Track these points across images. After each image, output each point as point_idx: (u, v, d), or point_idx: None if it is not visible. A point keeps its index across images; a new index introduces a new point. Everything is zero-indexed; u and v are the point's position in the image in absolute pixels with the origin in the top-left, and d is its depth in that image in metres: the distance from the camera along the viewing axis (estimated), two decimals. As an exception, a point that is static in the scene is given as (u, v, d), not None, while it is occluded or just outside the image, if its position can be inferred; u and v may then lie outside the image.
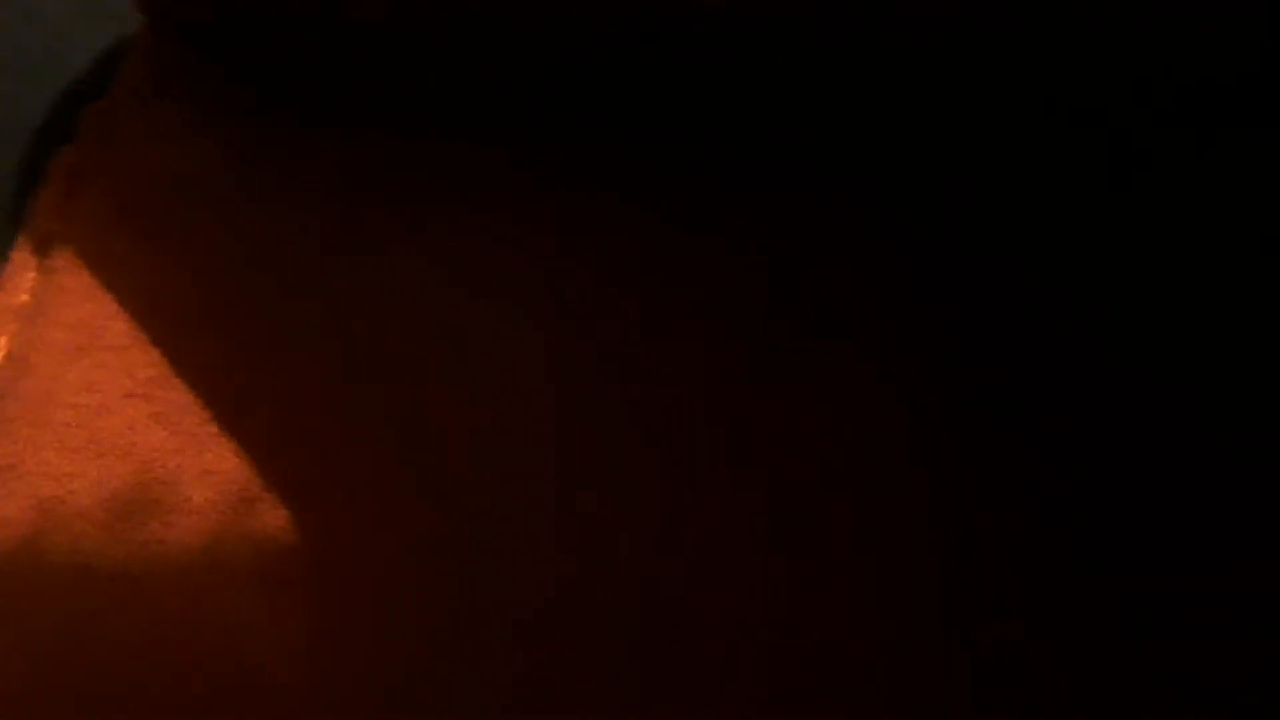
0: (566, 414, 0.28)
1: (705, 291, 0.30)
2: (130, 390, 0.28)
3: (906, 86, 0.32)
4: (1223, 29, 0.30)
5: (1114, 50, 0.31)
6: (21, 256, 0.30)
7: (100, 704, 0.25)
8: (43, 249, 0.30)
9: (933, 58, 0.31)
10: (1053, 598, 0.26)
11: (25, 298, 0.30)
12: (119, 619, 0.26)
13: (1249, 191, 0.31)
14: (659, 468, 0.27)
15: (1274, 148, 0.32)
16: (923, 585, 0.26)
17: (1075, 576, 0.26)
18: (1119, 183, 0.31)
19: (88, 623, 0.26)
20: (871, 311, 0.29)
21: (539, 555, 0.26)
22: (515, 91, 0.32)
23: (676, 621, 0.26)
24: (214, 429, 0.28)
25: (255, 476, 0.27)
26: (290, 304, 0.29)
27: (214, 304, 0.29)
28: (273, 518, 0.27)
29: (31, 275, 0.30)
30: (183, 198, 0.31)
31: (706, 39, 0.31)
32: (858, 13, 0.30)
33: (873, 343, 0.29)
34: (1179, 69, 0.31)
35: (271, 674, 0.25)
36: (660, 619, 0.26)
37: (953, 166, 0.31)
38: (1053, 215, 0.31)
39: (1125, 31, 0.30)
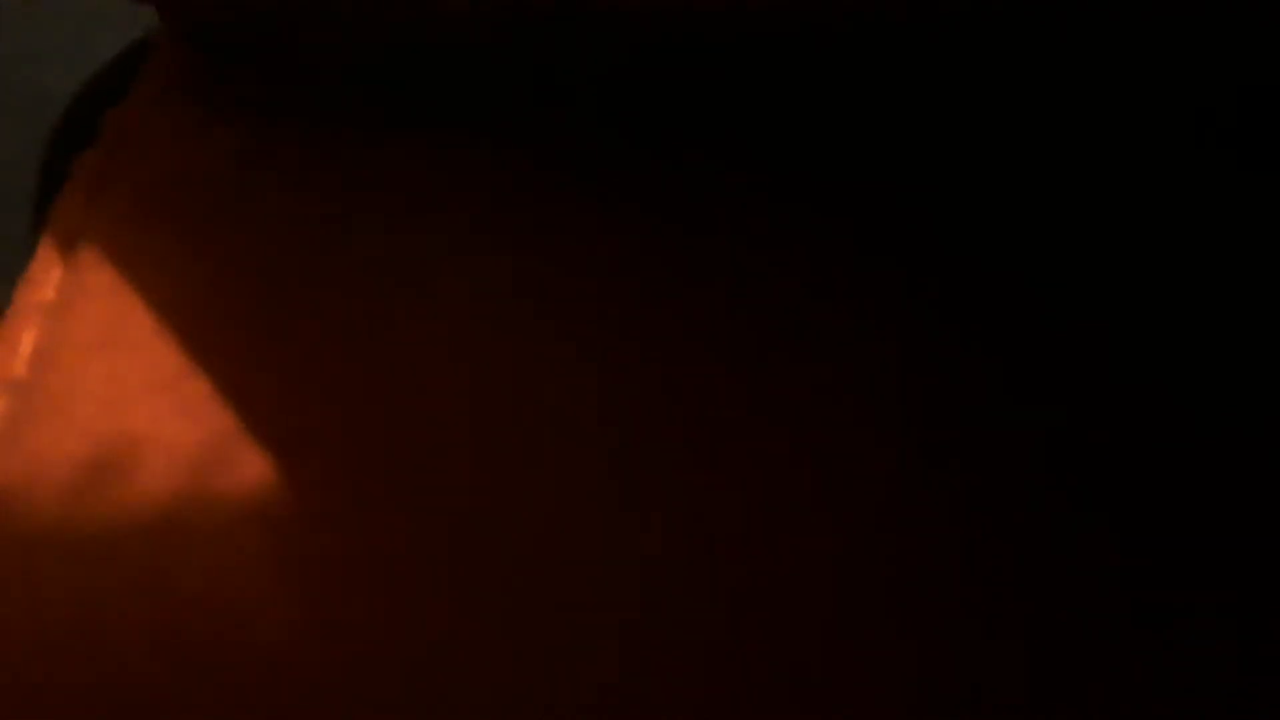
0: (567, 403, 0.28)
1: (704, 291, 0.30)
2: (154, 383, 0.29)
3: (910, 89, 0.32)
4: (1231, 34, 0.30)
5: (1117, 53, 0.31)
6: (47, 255, 0.31)
7: (116, 672, 0.26)
8: (67, 247, 0.31)
9: (932, 59, 0.31)
10: (1053, 597, 0.26)
11: (51, 294, 0.30)
12: (139, 599, 0.26)
13: (1257, 194, 0.31)
14: (662, 465, 0.28)
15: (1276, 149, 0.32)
16: (922, 584, 0.26)
17: (1077, 576, 0.26)
18: (1122, 186, 0.31)
19: (106, 604, 0.26)
20: (873, 311, 0.30)
21: (540, 546, 0.27)
22: (530, 94, 0.33)
23: (676, 606, 0.26)
24: (237, 420, 0.28)
25: (278, 466, 0.28)
26: (309, 298, 0.30)
27: (235, 299, 0.30)
28: (295, 505, 0.27)
29: (57, 272, 0.30)
30: (203, 196, 0.31)
31: (707, 40, 0.31)
32: (858, 14, 0.30)
33: (874, 342, 0.29)
34: (1184, 73, 0.31)
35: (278, 645, 0.26)
36: (660, 603, 0.26)
37: (954, 167, 0.32)
38: (1055, 217, 0.31)
39: (1130, 36, 0.30)
